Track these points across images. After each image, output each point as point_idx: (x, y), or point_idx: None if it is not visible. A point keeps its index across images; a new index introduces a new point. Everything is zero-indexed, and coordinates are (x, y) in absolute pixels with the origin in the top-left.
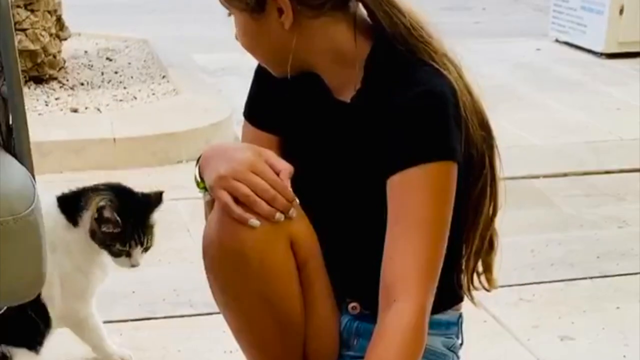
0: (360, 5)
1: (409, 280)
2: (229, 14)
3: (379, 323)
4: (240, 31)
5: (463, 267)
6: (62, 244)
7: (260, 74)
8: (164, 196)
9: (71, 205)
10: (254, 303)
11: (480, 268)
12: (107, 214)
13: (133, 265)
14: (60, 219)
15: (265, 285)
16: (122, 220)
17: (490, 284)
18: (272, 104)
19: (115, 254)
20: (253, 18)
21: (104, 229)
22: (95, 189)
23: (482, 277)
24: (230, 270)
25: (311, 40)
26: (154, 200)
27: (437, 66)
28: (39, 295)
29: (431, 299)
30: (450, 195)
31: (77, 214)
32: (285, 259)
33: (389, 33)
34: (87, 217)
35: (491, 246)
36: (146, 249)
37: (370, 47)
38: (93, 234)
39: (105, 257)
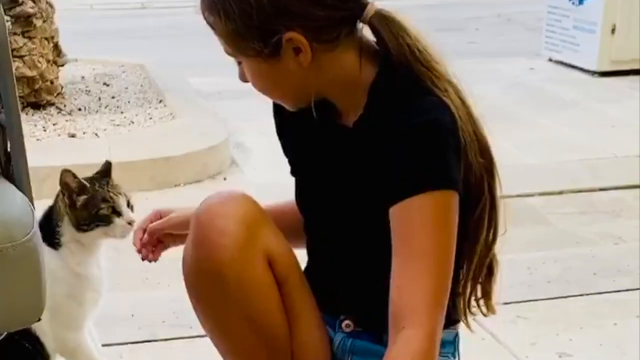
0: (368, 28)
1: (417, 308)
2: (239, 63)
3: (388, 350)
4: (254, 77)
5: (460, 291)
6: (50, 273)
7: (277, 112)
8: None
9: (45, 232)
10: (237, 322)
11: (479, 293)
12: (70, 182)
13: (130, 223)
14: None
15: (246, 304)
16: (88, 184)
17: (489, 310)
18: (286, 132)
19: (108, 220)
20: (267, 63)
21: (79, 203)
22: (54, 204)
23: (481, 303)
24: (210, 291)
25: (327, 71)
26: (104, 168)
27: (439, 93)
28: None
29: (441, 325)
30: (452, 224)
31: (55, 236)
32: (263, 276)
33: (395, 56)
34: (65, 228)
35: (490, 273)
36: (130, 207)
37: (375, 73)
38: (79, 224)
39: (96, 272)
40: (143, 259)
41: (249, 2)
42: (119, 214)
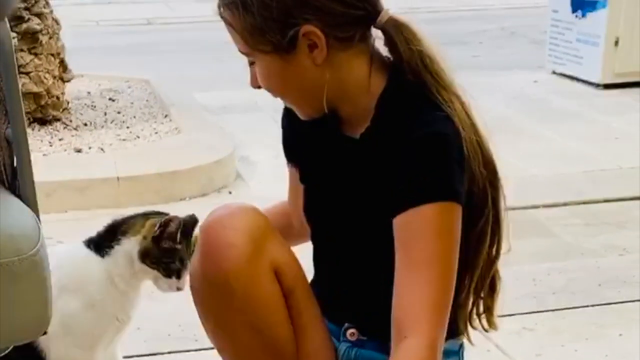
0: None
1: (418, 317)
2: (251, 63)
3: (390, 359)
4: (266, 75)
5: (462, 303)
6: (79, 277)
7: (287, 113)
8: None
9: (99, 239)
10: (243, 333)
11: (481, 308)
12: (172, 228)
13: (179, 289)
14: (83, 253)
15: (252, 315)
16: (179, 238)
17: (490, 326)
18: (294, 140)
19: (169, 273)
20: (282, 58)
21: (164, 245)
22: (136, 216)
23: (483, 317)
24: (217, 302)
25: (338, 72)
26: (193, 220)
27: (444, 104)
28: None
29: (442, 336)
30: (455, 235)
31: (109, 243)
32: (269, 288)
33: (405, 62)
34: (129, 243)
35: (492, 288)
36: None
37: (384, 84)
38: (145, 254)
39: (131, 294)
40: None
41: None
42: (178, 276)
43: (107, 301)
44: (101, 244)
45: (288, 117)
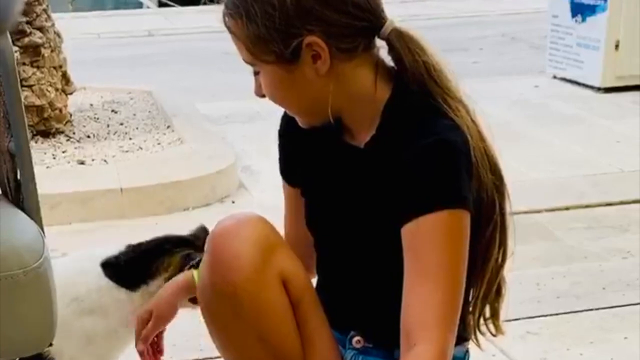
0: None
1: (427, 324)
2: (256, 73)
3: None
4: (270, 85)
5: (470, 310)
6: (101, 308)
7: (284, 132)
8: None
9: (123, 268)
10: (251, 343)
11: (487, 313)
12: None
13: None
14: (105, 282)
15: (260, 325)
16: None
17: (497, 330)
18: (294, 152)
19: None
20: (285, 69)
21: None
22: (162, 250)
23: (489, 322)
24: (225, 312)
25: (342, 83)
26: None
27: (451, 112)
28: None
29: (452, 342)
30: (463, 242)
31: (141, 279)
32: (277, 298)
33: (410, 72)
34: (155, 284)
35: (498, 293)
36: None
37: (389, 93)
38: None
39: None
40: None
41: (272, 4)
42: None
43: (128, 330)
44: (130, 276)
45: (288, 128)
